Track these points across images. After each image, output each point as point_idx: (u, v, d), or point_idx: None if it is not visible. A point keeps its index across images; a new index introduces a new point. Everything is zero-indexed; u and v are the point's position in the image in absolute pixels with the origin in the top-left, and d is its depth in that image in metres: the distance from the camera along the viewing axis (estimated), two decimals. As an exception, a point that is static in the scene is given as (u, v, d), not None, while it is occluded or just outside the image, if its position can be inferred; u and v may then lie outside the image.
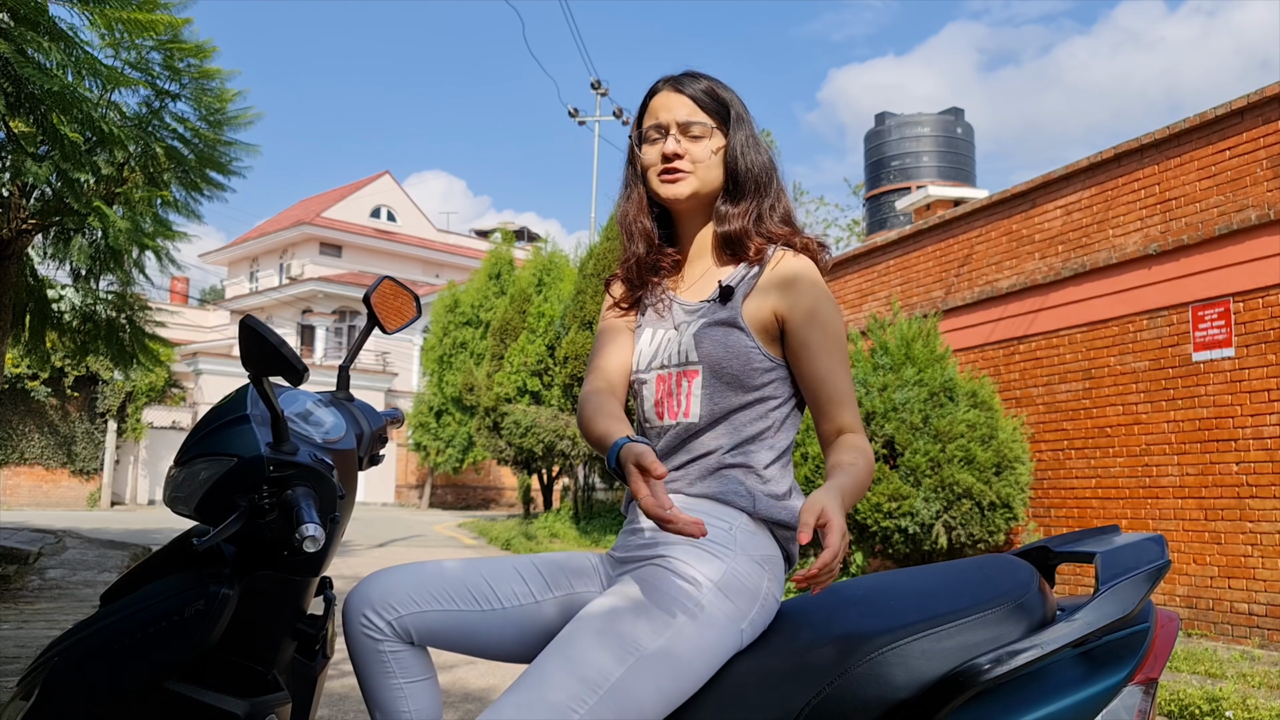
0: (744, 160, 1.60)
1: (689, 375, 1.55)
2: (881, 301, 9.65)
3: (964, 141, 17.40)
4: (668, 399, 1.57)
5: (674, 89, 1.62)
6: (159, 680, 1.35)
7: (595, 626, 1.34)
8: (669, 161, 1.60)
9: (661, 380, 1.59)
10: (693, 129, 1.60)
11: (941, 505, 6.87)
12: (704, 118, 1.60)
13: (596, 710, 1.28)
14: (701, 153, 1.60)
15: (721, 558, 1.42)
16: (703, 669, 1.36)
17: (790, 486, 1.56)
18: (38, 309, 7.31)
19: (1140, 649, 1.31)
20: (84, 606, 6.38)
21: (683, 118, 1.60)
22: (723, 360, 1.52)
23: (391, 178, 37.94)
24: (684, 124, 1.60)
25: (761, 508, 1.48)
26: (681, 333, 1.58)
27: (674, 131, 1.60)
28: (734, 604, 1.40)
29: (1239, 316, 6.18)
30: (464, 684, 4.52)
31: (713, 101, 1.61)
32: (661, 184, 1.62)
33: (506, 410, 14.92)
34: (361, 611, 1.51)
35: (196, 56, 6.01)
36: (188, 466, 1.42)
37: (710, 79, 1.65)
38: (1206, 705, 4.12)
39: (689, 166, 1.59)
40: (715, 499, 1.49)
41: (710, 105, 1.61)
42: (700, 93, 1.61)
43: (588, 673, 1.29)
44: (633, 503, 1.59)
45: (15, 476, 21.35)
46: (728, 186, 1.62)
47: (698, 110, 1.60)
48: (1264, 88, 6.05)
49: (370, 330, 1.82)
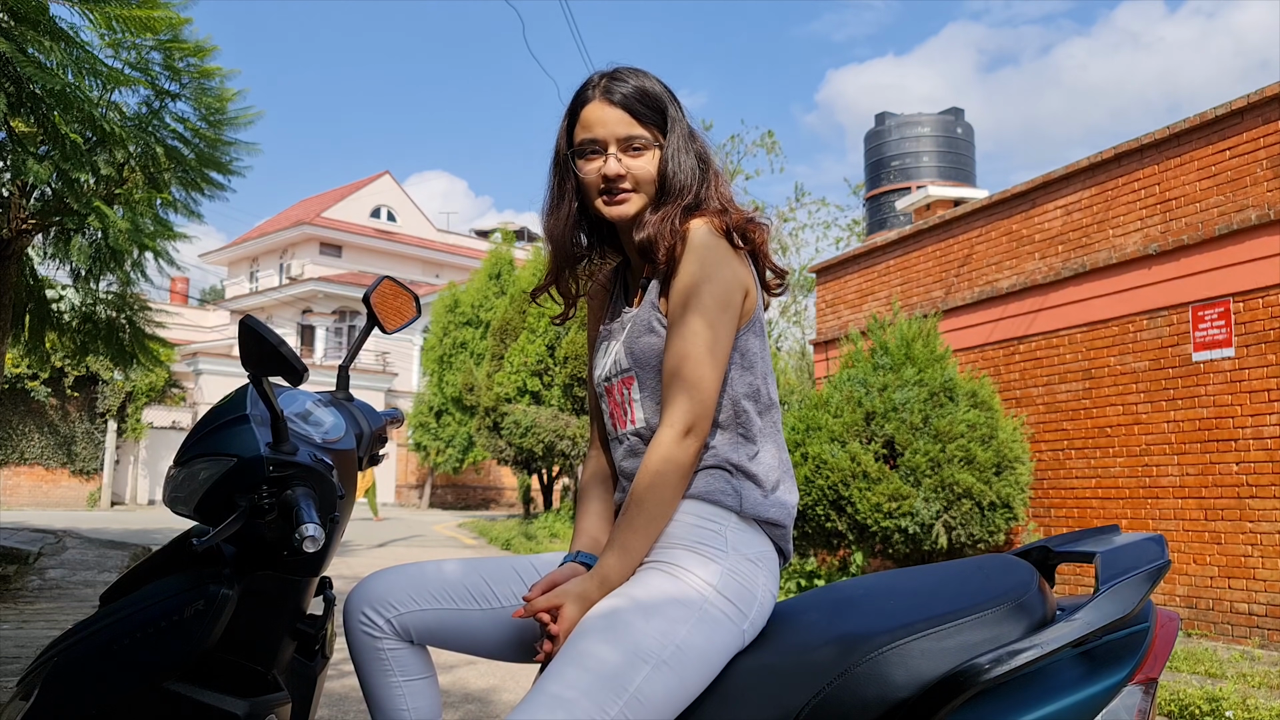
0: (674, 165, 1.52)
1: (627, 383, 1.55)
2: (881, 301, 9.65)
3: (964, 141, 17.40)
4: (617, 410, 1.57)
5: (607, 101, 1.52)
6: (159, 680, 1.35)
7: (607, 637, 1.32)
8: (611, 182, 1.52)
9: (609, 391, 1.59)
10: (633, 143, 1.52)
11: (941, 505, 6.87)
12: (642, 131, 1.52)
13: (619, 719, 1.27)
14: (644, 169, 1.52)
15: (717, 560, 1.42)
16: (709, 671, 1.36)
17: (779, 478, 1.52)
18: (38, 309, 7.31)
19: (1140, 649, 1.31)
20: (84, 606, 6.37)
21: (622, 133, 1.51)
22: (645, 359, 1.51)
23: (391, 178, 37.94)
24: (623, 140, 1.52)
25: (749, 506, 1.46)
26: (620, 341, 1.57)
27: (613, 149, 1.52)
28: (734, 605, 1.40)
29: (1239, 316, 6.18)
30: (464, 684, 4.51)
31: (648, 109, 1.53)
32: (606, 206, 1.54)
33: (506, 410, 14.92)
34: (361, 610, 1.52)
35: (196, 56, 6.01)
36: (187, 466, 1.42)
37: (638, 78, 1.55)
38: (1206, 705, 4.12)
39: (633, 185, 1.52)
40: (702, 499, 1.46)
41: (647, 115, 1.53)
42: (635, 102, 1.52)
43: (606, 683, 1.28)
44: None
45: (15, 476, 21.34)
46: (657, 195, 1.54)
47: (635, 124, 1.52)
48: (1264, 88, 6.05)
49: (370, 330, 1.82)
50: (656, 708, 1.30)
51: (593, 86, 1.55)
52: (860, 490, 6.97)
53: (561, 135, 1.60)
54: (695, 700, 1.36)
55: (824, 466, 7.11)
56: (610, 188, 1.53)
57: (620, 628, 1.32)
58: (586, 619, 1.36)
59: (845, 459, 7.06)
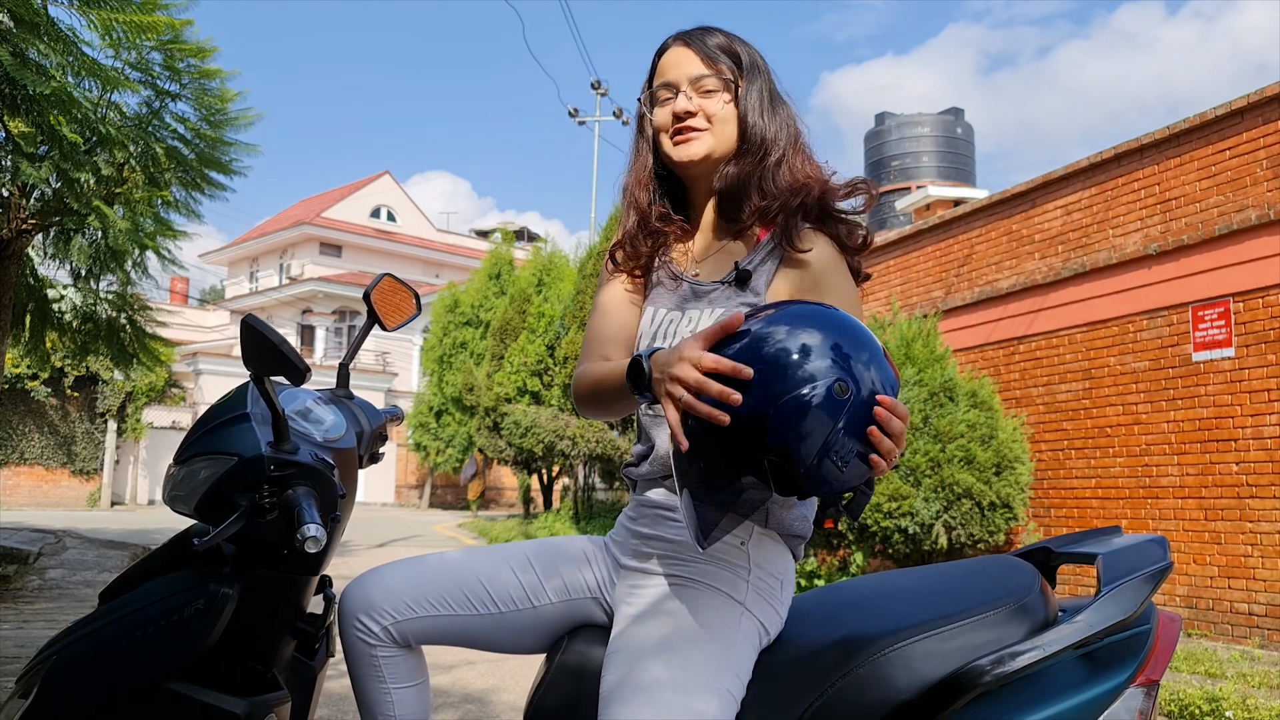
0: (754, 115, 1.48)
1: None
2: (881, 301, 9.65)
3: (964, 141, 17.41)
4: None
5: (684, 44, 1.50)
6: (158, 679, 1.34)
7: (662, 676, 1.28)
8: (681, 120, 1.48)
9: None
10: (705, 83, 1.47)
11: (941, 505, 6.87)
12: (717, 68, 1.48)
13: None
14: (716, 108, 1.47)
15: (742, 575, 1.40)
16: (745, 686, 1.35)
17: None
18: (38, 309, 7.30)
19: (1142, 651, 1.31)
20: (84, 606, 6.37)
21: (695, 73, 1.48)
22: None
23: (391, 178, 37.94)
24: (696, 79, 1.48)
25: (774, 520, 1.43)
26: (690, 317, 1.48)
27: (685, 88, 1.48)
28: (759, 618, 1.39)
29: (1239, 316, 6.18)
30: (464, 684, 4.51)
31: (726, 54, 1.49)
32: (675, 146, 1.49)
33: (506, 410, 14.91)
34: (356, 616, 1.50)
35: (197, 57, 6.01)
36: (187, 465, 1.41)
37: (725, 32, 1.52)
38: (1206, 705, 4.11)
39: (703, 124, 1.47)
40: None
41: (723, 58, 1.48)
42: (713, 46, 1.49)
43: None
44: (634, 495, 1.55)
45: (15, 476, 21.33)
46: (738, 145, 1.49)
47: (710, 64, 1.48)
48: (1264, 88, 6.05)
49: (370, 327, 1.82)
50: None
51: (675, 35, 1.53)
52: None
53: (643, 89, 1.55)
54: None
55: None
56: (679, 128, 1.48)
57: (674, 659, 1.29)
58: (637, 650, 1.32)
59: (845, 459, 7.05)
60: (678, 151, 1.50)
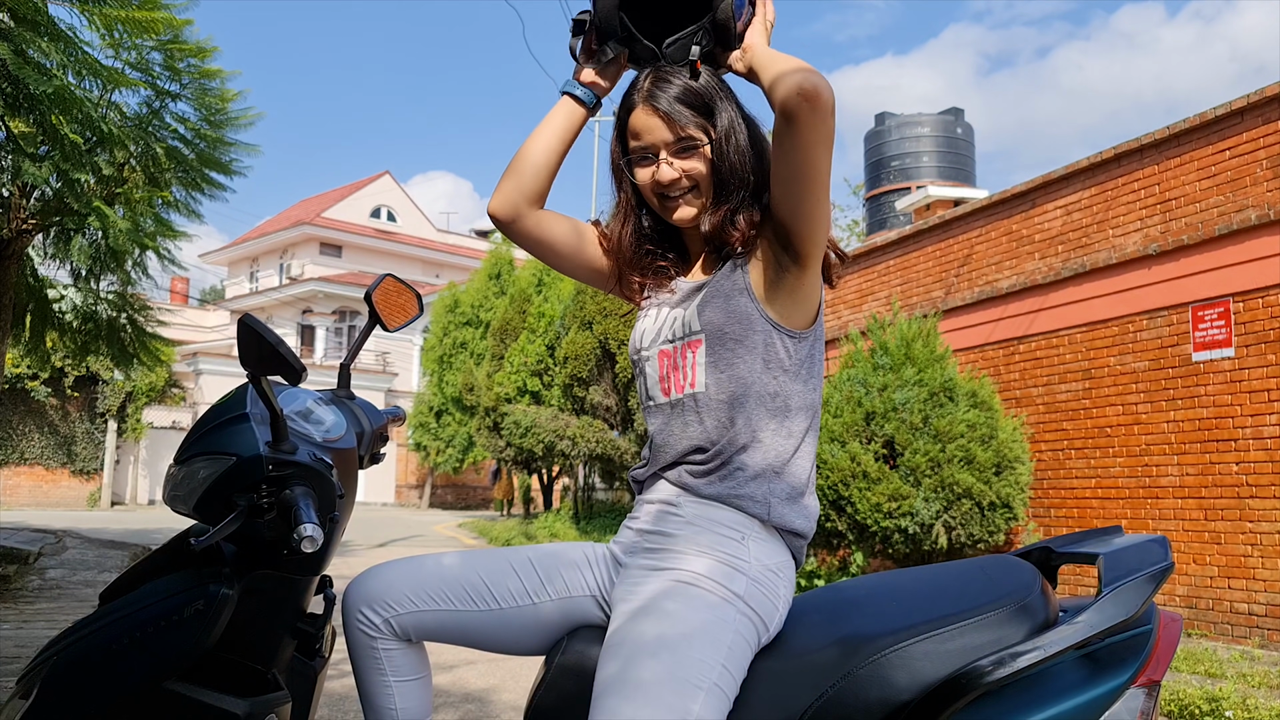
0: (726, 159, 1.51)
1: (693, 346, 1.51)
2: (881, 301, 9.64)
3: (964, 141, 17.40)
4: (673, 373, 1.53)
5: (651, 109, 1.51)
6: (158, 679, 1.34)
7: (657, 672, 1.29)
8: (665, 187, 1.52)
9: (665, 355, 1.55)
10: (683, 145, 1.51)
11: (941, 505, 6.87)
12: (690, 132, 1.50)
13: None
14: (698, 165, 1.51)
15: (741, 570, 1.40)
16: (740, 683, 1.36)
17: (808, 477, 1.51)
18: (38, 309, 7.30)
19: (1143, 651, 1.31)
20: (84, 606, 6.37)
21: (670, 137, 1.50)
22: (724, 325, 1.48)
23: (392, 178, 37.93)
24: (672, 144, 1.51)
25: (776, 515, 1.45)
26: (685, 308, 1.54)
27: (664, 155, 1.51)
28: (758, 615, 1.39)
29: (1239, 316, 6.17)
30: (464, 684, 4.51)
31: (691, 110, 1.50)
32: (667, 212, 1.55)
33: (506, 410, 14.91)
34: (359, 608, 1.52)
35: (197, 57, 6.01)
36: (187, 465, 1.41)
37: (679, 76, 1.53)
38: (1206, 705, 4.11)
39: (688, 183, 1.52)
40: (729, 504, 1.45)
41: (690, 117, 1.50)
42: (678, 104, 1.50)
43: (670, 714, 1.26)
44: (637, 496, 1.59)
45: (15, 476, 21.34)
46: (715, 189, 1.53)
47: (681, 126, 1.50)
48: (1264, 88, 6.05)
49: (372, 328, 1.81)
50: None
51: (637, 92, 1.54)
52: (860, 490, 6.96)
53: (614, 142, 1.60)
54: None
55: (824, 466, 7.11)
56: (666, 193, 1.54)
57: (674, 663, 1.30)
58: (626, 650, 1.33)
59: (845, 459, 7.06)
60: (673, 218, 1.56)
